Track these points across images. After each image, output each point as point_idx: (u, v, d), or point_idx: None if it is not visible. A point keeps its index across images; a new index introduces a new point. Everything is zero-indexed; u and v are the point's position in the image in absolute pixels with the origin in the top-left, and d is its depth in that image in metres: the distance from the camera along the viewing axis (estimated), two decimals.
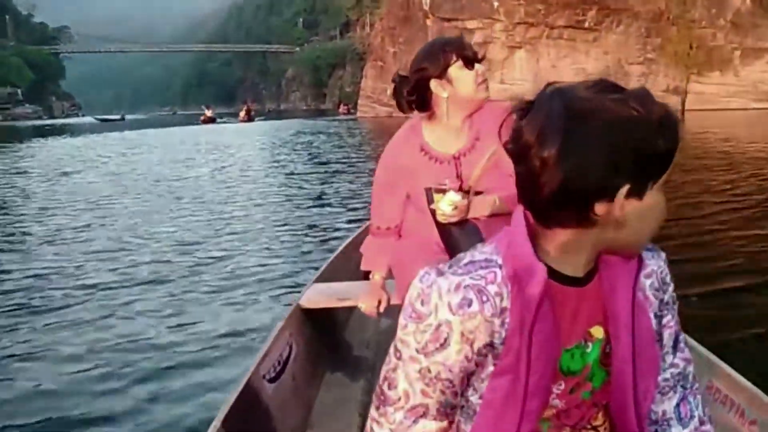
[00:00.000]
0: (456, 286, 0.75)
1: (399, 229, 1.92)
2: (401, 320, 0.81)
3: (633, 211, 0.71)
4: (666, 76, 30.07)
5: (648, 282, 0.84)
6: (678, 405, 0.92)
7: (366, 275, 2.10)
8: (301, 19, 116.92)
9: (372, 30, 52.73)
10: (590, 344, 0.81)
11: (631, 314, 0.80)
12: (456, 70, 1.69)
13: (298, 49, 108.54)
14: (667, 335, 0.90)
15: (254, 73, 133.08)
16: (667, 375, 0.91)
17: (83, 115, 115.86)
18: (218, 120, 47.01)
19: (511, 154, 0.73)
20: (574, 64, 28.76)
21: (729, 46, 29.44)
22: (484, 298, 0.74)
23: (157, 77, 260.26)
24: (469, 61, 1.71)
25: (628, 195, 0.69)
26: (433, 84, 1.70)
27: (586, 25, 28.20)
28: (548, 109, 0.70)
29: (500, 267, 0.76)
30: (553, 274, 0.76)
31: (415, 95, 1.73)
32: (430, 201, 1.68)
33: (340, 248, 3.12)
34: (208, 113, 46.13)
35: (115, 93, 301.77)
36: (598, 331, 0.81)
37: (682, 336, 0.92)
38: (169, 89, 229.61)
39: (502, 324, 0.75)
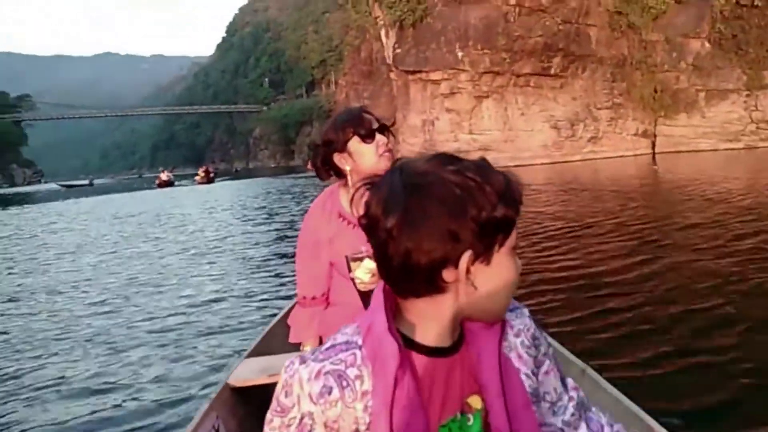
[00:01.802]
0: (316, 374, 0.76)
1: (326, 297, 1.91)
2: (267, 416, 0.81)
3: (482, 276, 0.74)
4: (635, 120, 29.90)
5: (518, 341, 0.86)
6: (589, 426, 0.94)
7: (299, 348, 2.00)
8: (267, 79, 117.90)
9: (337, 87, 52.60)
10: (470, 416, 0.80)
11: (500, 381, 0.80)
12: (355, 144, 1.73)
13: (265, 108, 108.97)
14: (553, 379, 0.92)
15: (222, 134, 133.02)
16: (571, 410, 0.93)
17: (46, 182, 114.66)
18: (176, 183, 45.61)
19: (362, 227, 0.76)
20: (543, 110, 28.40)
21: (693, 89, 29.48)
22: (344, 384, 0.75)
23: (125, 141, 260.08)
24: (367, 136, 1.73)
25: (474, 260, 0.73)
26: (336, 158, 1.75)
27: (552, 71, 27.96)
28: (390, 182, 0.74)
29: (360, 348, 0.77)
30: (416, 346, 0.77)
31: (325, 165, 1.78)
32: (349, 269, 1.73)
33: (275, 320, 3.01)
34: (164, 176, 44.77)
35: (82, 159, 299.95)
36: (476, 401, 0.80)
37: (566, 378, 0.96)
38: (136, 153, 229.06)
39: (365, 409, 0.74)
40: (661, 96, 29.91)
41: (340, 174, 1.79)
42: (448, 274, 0.73)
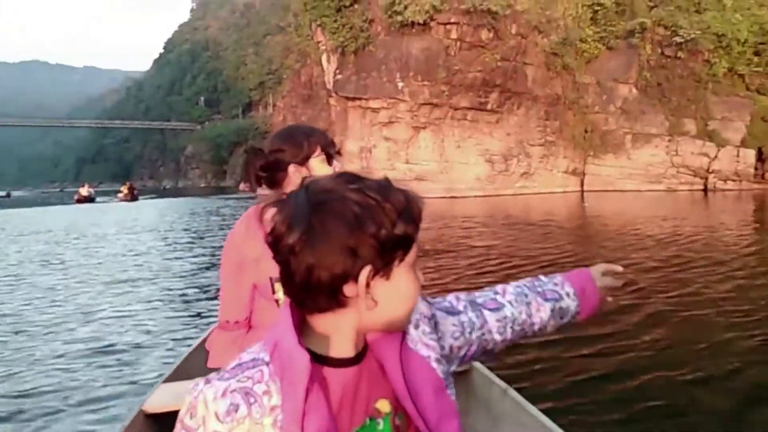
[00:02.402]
0: (222, 393, 0.76)
1: (249, 321, 1.81)
2: None
3: (382, 290, 0.78)
4: (566, 158, 30.77)
5: (419, 332, 0.92)
6: (487, 308, 1.10)
7: None
8: (202, 98, 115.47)
9: (274, 109, 51.95)
10: (380, 420, 0.84)
11: (404, 383, 0.84)
12: (317, 163, 1.71)
13: (199, 127, 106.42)
14: (467, 330, 1.04)
15: (152, 150, 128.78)
16: (473, 317, 1.08)
17: None
18: (97, 199, 43.28)
19: (268, 244, 0.79)
20: (478, 144, 28.79)
21: (621, 131, 30.74)
22: (252, 400, 0.76)
23: (48, 154, 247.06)
24: (331, 157, 1.74)
25: (374, 276, 0.76)
26: (292, 169, 1.69)
27: (489, 107, 28.47)
28: (295, 200, 0.77)
29: (267, 364, 0.78)
30: (322, 359, 0.80)
31: (267, 173, 1.70)
32: (273, 291, 1.69)
33: (194, 345, 2.87)
34: (83, 191, 42.32)
35: None
36: (384, 405, 0.84)
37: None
38: (59, 166, 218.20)
39: (274, 423, 0.75)
40: (590, 136, 31.02)
41: (274, 185, 1.71)
42: (348, 289, 0.76)
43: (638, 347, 4.93)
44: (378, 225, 0.75)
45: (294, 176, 1.69)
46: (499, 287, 1.19)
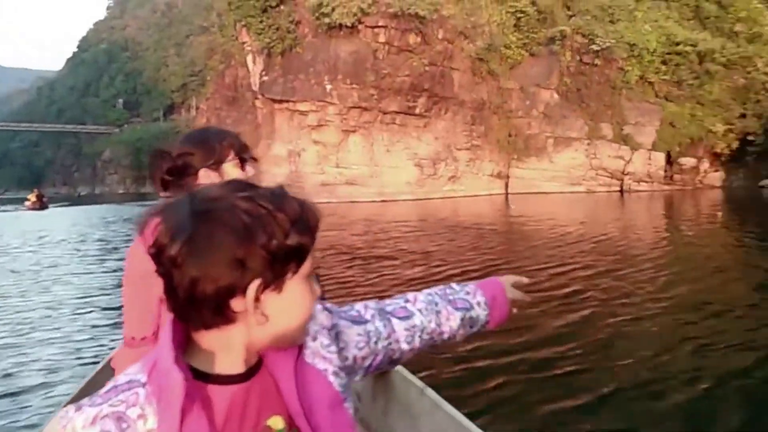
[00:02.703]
0: (92, 420, 0.71)
1: (156, 336, 1.61)
2: None
3: (274, 304, 0.75)
4: (491, 161, 31.50)
5: (318, 344, 0.88)
6: (396, 316, 1.10)
7: None
8: (121, 100, 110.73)
9: (198, 112, 50.43)
10: None
11: (298, 399, 0.81)
12: (230, 167, 1.66)
13: (117, 130, 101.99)
14: (373, 339, 1.02)
15: (66, 155, 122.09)
16: (380, 326, 1.06)
17: None
18: (0, 208, 40.32)
19: (151, 256, 0.74)
20: (407, 148, 29.01)
21: (543, 135, 31.76)
22: (125, 426, 0.71)
23: None
24: (245, 162, 1.69)
25: (264, 289, 0.73)
26: (203, 174, 1.61)
27: (417, 111, 28.75)
28: (179, 209, 0.73)
29: (144, 385, 0.74)
30: (206, 376, 0.76)
31: (174, 176, 1.59)
32: None
33: (100, 366, 2.68)
34: None
35: None
36: (277, 422, 0.81)
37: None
38: None
39: None
40: (514, 140, 31.91)
41: (180, 189, 1.49)
42: (236, 304, 0.72)
43: (556, 345, 5.02)
44: (269, 235, 0.72)
45: (205, 181, 1.59)
46: (410, 295, 1.18)
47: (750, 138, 31.05)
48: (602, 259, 9.21)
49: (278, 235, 0.72)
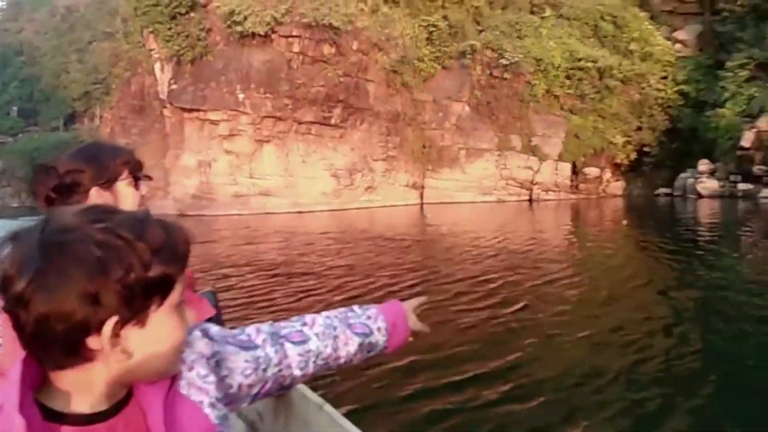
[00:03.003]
0: None
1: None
2: None
3: (137, 340, 0.70)
4: (406, 172, 31.80)
5: (194, 374, 0.84)
6: (289, 340, 1.06)
7: None
8: (15, 108, 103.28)
9: (101, 121, 47.89)
10: None
11: (164, 429, 0.75)
12: (124, 186, 1.60)
13: (11, 139, 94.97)
14: (262, 366, 0.97)
15: None
16: (272, 354, 1.02)
17: None
18: None
19: None
20: (323, 159, 28.76)
21: (455, 146, 32.44)
22: None
23: None
24: (139, 180, 1.65)
25: (122, 325, 0.68)
26: (94, 193, 1.53)
27: (333, 122, 28.58)
28: (29, 238, 0.67)
29: None
30: (64, 417, 0.70)
31: (60, 195, 1.49)
32: None
33: None
34: None
35: None
36: None
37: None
38: None
39: None
40: (428, 151, 32.39)
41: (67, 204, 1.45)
42: (92, 342, 0.68)
43: (456, 361, 4.98)
44: (126, 269, 0.66)
45: (96, 201, 1.52)
46: (308, 317, 1.14)
47: (646, 149, 33.15)
48: (517, 265, 9.39)
49: (137, 268, 0.67)
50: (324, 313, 1.17)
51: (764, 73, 29.50)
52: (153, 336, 0.70)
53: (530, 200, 32.08)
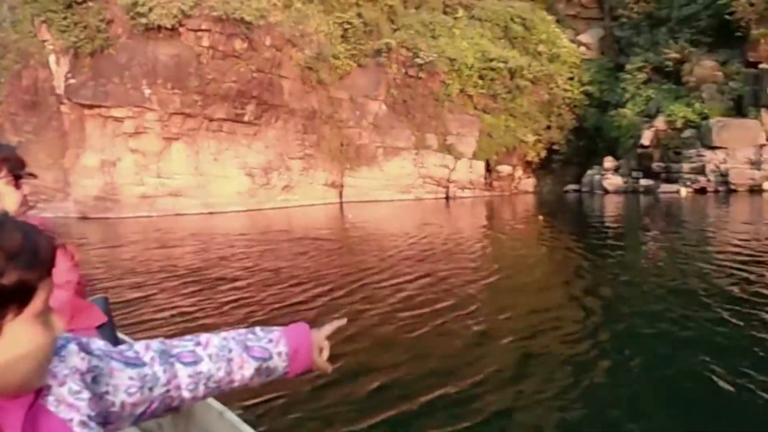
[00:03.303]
0: None
1: None
2: None
3: None
4: (324, 171, 31.28)
5: (65, 390, 0.79)
6: (181, 361, 1.01)
7: None
8: None
9: None
10: None
11: None
12: (3, 185, 1.59)
13: None
14: (148, 385, 0.92)
15: None
16: (160, 373, 0.97)
17: None
18: None
19: None
20: (237, 157, 27.72)
21: (373, 145, 32.27)
22: None
23: None
24: (20, 179, 1.62)
25: None
26: None
27: (246, 118, 27.57)
28: None
29: None
30: None
31: None
32: None
33: None
34: None
35: None
36: None
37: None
38: None
39: None
40: (346, 149, 32.03)
41: None
42: None
43: (368, 365, 4.79)
44: None
45: None
46: (203, 337, 1.08)
47: (555, 148, 34.38)
48: (443, 264, 9.21)
49: None
50: (222, 334, 1.09)
51: (659, 76, 31.33)
52: (9, 347, 0.65)
53: (447, 198, 32.45)
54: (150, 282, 8.59)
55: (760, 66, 26.17)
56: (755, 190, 23.22)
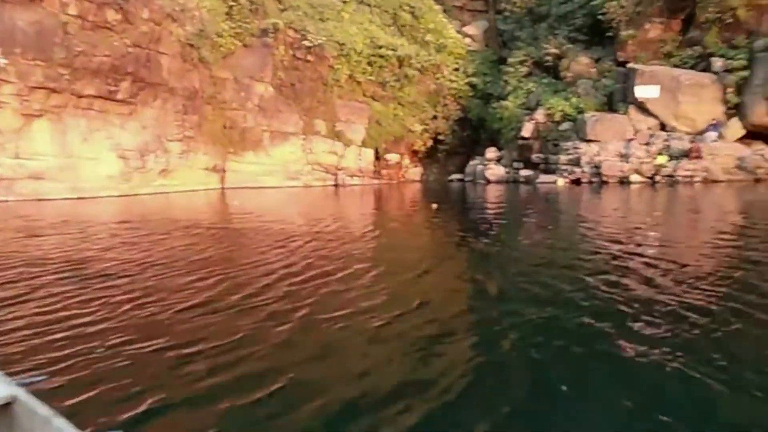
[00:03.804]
0: None
1: None
2: None
3: None
4: (206, 154, 29.80)
5: None
6: None
7: None
8: None
9: None
10: None
11: None
12: None
13: None
14: None
15: None
16: None
17: None
18: None
19: None
20: (109, 138, 25.58)
21: (259, 128, 31.22)
22: None
23: None
24: None
25: None
26: None
27: (120, 97, 25.46)
28: None
29: None
30: None
31: None
32: None
33: None
34: None
35: None
36: None
37: None
38: None
39: None
40: (230, 132, 30.72)
41: None
42: None
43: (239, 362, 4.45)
44: None
45: None
46: None
47: (440, 137, 35.11)
48: (343, 251, 8.89)
49: None
50: None
51: (539, 70, 32.85)
52: None
53: (336, 185, 32.14)
54: (22, 279, 7.49)
55: (628, 65, 28.15)
56: (624, 182, 25.03)
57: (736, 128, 25.79)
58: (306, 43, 31.36)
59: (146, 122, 26.73)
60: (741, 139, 25.90)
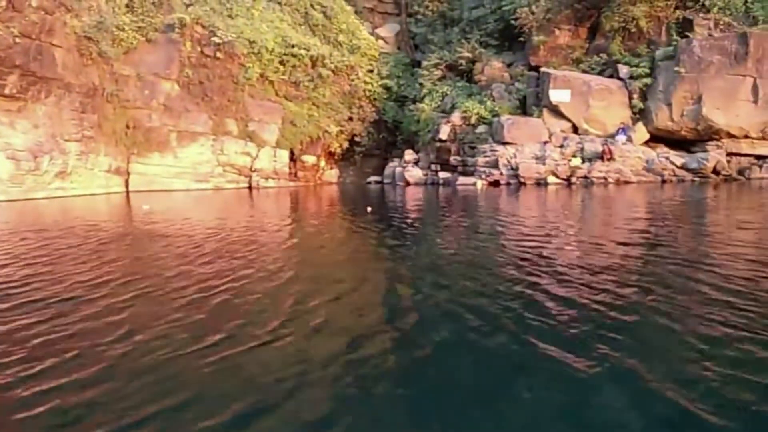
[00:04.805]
0: None
1: None
2: None
3: None
4: (107, 155, 27.68)
5: None
6: None
7: None
8: None
9: None
10: None
11: None
12: None
13: None
14: None
15: None
16: None
17: None
18: None
19: None
20: None
21: (165, 128, 29.48)
22: None
23: None
24: None
25: None
26: None
27: (8, 92, 23.00)
28: None
29: None
30: None
31: None
32: None
33: None
34: None
35: None
36: None
37: None
38: None
39: None
40: (133, 132, 28.77)
41: None
42: None
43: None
44: None
45: None
46: None
47: (357, 139, 34.67)
48: (269, 258, 8.19)
49: None
50: None
51: (453, 74, 33.21)
52: None
53: (249, 187, 30.88)
54: None
55: (542, 70, 29.02)
56: (541, 183, 25.65)
57: (642, 132, 27.21)
58: (215, 39, 29.93)
59: (39, 120, 24.37)
60: (647, 143, 27.37)
